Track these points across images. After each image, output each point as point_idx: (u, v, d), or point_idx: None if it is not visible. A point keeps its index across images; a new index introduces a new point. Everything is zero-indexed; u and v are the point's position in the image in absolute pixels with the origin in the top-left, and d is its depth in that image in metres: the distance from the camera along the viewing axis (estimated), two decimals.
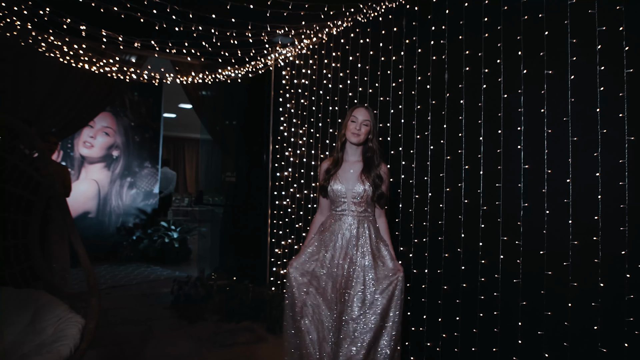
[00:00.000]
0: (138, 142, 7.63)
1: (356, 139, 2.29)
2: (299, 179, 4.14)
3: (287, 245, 4.28)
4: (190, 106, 6.36)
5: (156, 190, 7.92)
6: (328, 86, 3.75)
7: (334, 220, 2.31)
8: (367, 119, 2.28)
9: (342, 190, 2.28)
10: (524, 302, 2.19)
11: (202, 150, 6.55)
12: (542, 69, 2.16)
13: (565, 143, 2.05)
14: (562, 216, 2.05)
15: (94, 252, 6.81)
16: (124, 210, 7.43)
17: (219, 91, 5.39)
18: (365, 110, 2.30)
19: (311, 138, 3.98)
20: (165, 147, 15.07)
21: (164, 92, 7.94)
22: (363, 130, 2.27)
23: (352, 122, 2.29)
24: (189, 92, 5.40)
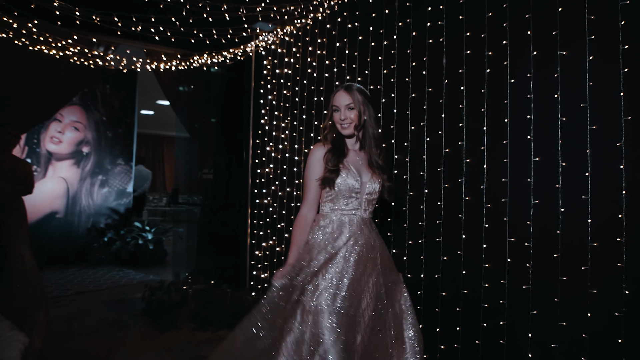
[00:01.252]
0: (110, 137, 7.21)
1: (348, 131, 1.91)
2: (281, 175, 3.85)
3: (269, 246, 3.99)
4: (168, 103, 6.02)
5: (130, 189, 7.52)
6: (313, 75, 3.48)
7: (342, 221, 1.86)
8: (349, 102, 1.88)
9: (357, 184, 1.85)
10: (535, 311, 1.96)
11: (178, 145, 6.18)
12: (555, 50, 1.92)
13: (583, 132, 1.82)
14: (580, 214, 1.82)
15: (62, 254, 6.41)
16: (95, 210, 7.00)
17: (196, 83, 5.06)
18: (345, 92, 1.90)
19: (294, 132, 3.69)
20: (143, 145, 14.63)
21: (141, 87, 7.54)
22: (350, 116, 1.89)
23: (336, 112, 1.93)
24: (164, 85, 5.05)
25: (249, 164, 4.38)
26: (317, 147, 1.94)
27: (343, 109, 1.90)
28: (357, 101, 1.89)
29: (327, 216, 1.88)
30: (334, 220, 1.87)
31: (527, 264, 1.98)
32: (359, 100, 1.90)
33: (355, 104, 1.89)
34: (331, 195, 1.87)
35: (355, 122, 1.91)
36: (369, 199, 1.90)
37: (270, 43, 4.02)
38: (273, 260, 3.89)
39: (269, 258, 3.98)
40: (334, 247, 1.81)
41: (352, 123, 1.91)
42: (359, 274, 1.79)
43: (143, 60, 3.67)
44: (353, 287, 1.75)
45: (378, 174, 1.91)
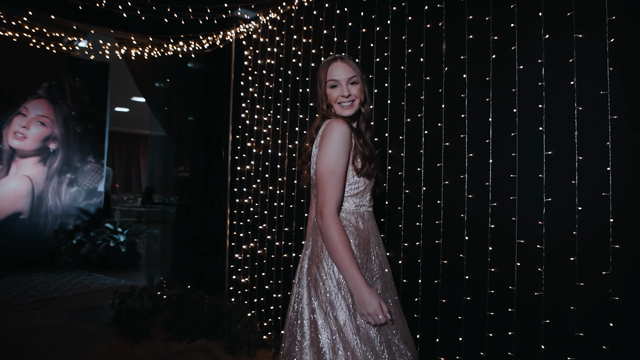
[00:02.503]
0: (80, 133, 6.82)
1: (349, 111, 1.60)
2: (263, 173, 3.60)
3: (249, 249, 3.74)
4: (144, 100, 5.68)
5: (101, 188, 7.13)
6: (298, 65, 3.25)
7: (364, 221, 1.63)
8: (352, 74, 1.60)
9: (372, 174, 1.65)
10: (547, 320, 1.77)
11: (152, 142, 5.86)
12: (571, 32, 1.74)
13: (602, 123, 1.64)
14: (600, 214, 1.64)
15: (25, 258, 6.00)
16: (63, 211, 6.61)
17: (172, 77, 4.76)
18: (344, 62, 1.61)
19: (277, 126, 3.45)
20: (117, 143, 14.15)
21: (115, 83, 7.15)
22: (354, 91, 1.59)
23: (334, 89, 1.60)
24: (138, 78, 4.73)
25: (228, 161, 4.12)
26: (340, 124, 1.51)
27: (345, 84, 1.60)
28: (358, 73, 1.63)
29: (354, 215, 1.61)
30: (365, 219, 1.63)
31: (539, 269, 1.80)
32: (359, 72, 1.64)
33: (358, 76, 1.62)
34: (358, 188, 1.60)
35: (360, 98, 1.63)
36: (372, 191, 1.69)
37: (252, 31, 3.77)
38: (254, 264, 3.64)
39: (249, 261, 3.73)
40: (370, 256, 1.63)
41: (356, 100, 1.62)
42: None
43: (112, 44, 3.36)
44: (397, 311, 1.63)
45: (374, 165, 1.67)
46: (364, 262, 1.57)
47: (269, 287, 3.44)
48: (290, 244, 3.23)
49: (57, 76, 6.42)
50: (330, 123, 1.54)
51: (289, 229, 3.29)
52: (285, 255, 3.28)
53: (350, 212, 1.60)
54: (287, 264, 3.25)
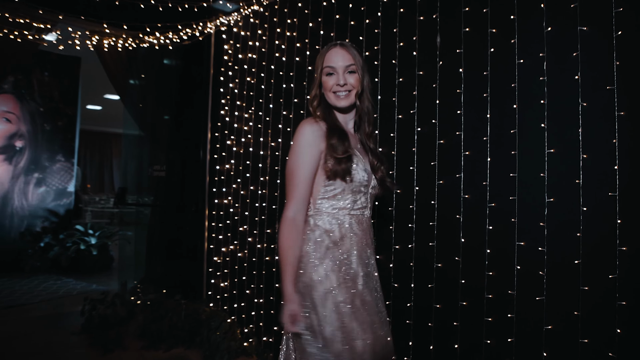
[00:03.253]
0: (49, 131, 6.50)
1: (345, 102, 1.50)
2: (244, 172, 3.45)
3: (229, 252, 3.57)
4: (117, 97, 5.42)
5: (71, 188, 6.81)
6: (282, 60, 3.11)
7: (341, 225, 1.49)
8: (351, 62, 1.48)
9: (365, 176, 1.50)
10: (550, 326, 1.69)
11: (125, 140, 5.61)
12: (574, 24, 1.66)
13: (609, 119, 1.57)
14: (605, 214, 1.56)
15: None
16: (30, 212, 6.28)
17: (147, 73, 4.55)
18: (344, 49, 1.49)
19: (259, 123, 3.31)
20: (89, 142, 13.67)
21: (87, 80, 6.83)
22: (351, 81, 1.48)
23: (330, 76, 1.49)
24: (111, 73, 4.49)
25: (206, 159, 3.94)
26: (309, 124, 1.47)
27: (341, 72, 1.49)
28: (358, 62, 1.51)
29: (327, 217, 1.48)
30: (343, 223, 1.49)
31: (540, 272, 1.71)
32: (359, 61, 1.52)
33: (357, 65, 1.50)
34: (334, 190, 1.47)
35: (357, 88, 1.51)
36: (373, 193, 1.58)
37: (233, 24, 3.61)
38: (234, 267, 3.48)
39: (229, 265, 3.56)
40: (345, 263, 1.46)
41: (353, 91, 1.50)
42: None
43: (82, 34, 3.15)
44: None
45: (375, 162, 1.56)
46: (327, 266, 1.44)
47: (250, 291, 3.29)
48: (273, 247, 3.09)
49: (24, 70, 6.09)
50: (301, 122, 1.50)
51: (271, 231, 3.14)
52: (268, 258, 3.14)
53: (326, 214, 1.49)
54: (270, 268, 3.10)
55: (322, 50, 1.58)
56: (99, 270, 5.94)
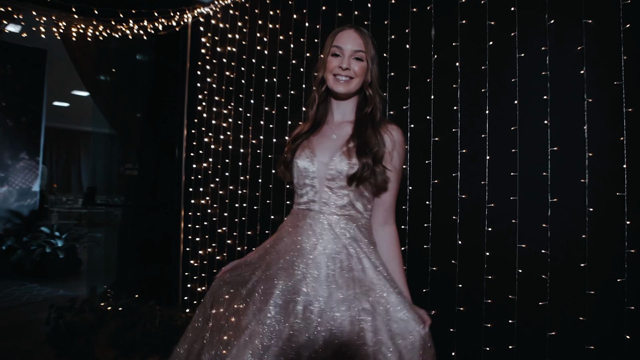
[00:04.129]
0: (11, 127, 6.13)
1: (344, 88, 1.36)
2: (223, 171, 3.28)
3: (206, 255, 3.40)
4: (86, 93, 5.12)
5: (36, 188, 6.46)
6: (264, 53, 2.96)
7: (294, 223, 1.34)
8: (360, 48, 1.35)
9: (309, 167, 1.34)
10: (553, 333, 1.61)
11: (95, 137, 5.35)
12: (579, 17, 1.59)
13: (616, 115, 1.50)
14: (613, 215, 1.49)
15: None
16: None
17: (119, 66, 4.31)
18: (357, 32, 1.37)
19: (239, 119, 3.15)
20: (55, 140, 13.11)
21: (54, 76, 6.47)
22: (355, 68, 1.35)
23: (335, 57, 1.37)
24: (79, 66, 4.22)
25: (182, 158, 3.75)
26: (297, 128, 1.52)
27: (348, 55, 1.36)
28: (369, 50, 1.38)
29: (290, 215, 1.44)
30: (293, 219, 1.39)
31: (543, 275, 1.63)
32: (370, 50, 1.39)
33: (367, 53, 1.37)
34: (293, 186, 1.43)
35: (361, 77, 1.38)
36: (332, 186, 1.31)
37: (211, 16, 3.43)
38: (212, 271, 3.31)
39: (206, 268, 3.39)
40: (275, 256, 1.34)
41: (355, 79, 1.37)
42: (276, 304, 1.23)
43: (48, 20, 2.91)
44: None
45: (351, 151, 1.31)
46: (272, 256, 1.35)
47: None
48: (254, 249, 2.93)
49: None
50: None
51: (252, 233, 2.99)
52: None
53: (292, 212, 1.44)
54: None
55: (334, 31, 1.45)
56: (66, 274, 5.63)
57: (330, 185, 1.32)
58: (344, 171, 1.29)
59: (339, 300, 1.21)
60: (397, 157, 1.37)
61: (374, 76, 1.41)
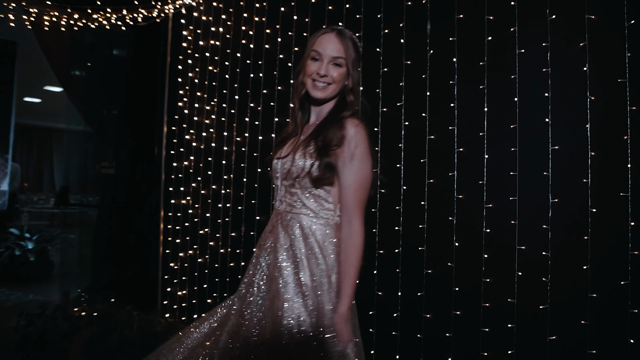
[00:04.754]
0: None
1: (321, 93, 1.33)
2: (205, 170, 3.16)
3: (187, 257, 3.27)
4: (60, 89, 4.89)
5: (5, 187, 6.15)
6: (249, 47, 2.85)
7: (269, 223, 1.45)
8: (339, 54, 1.31)
9: (276, 167, 1.40)
10: (554, 337, 1.56)
11: (68, 136, 5.14)
12: (581, 12, 1.54)
13: (620, 114, 1.46)
14: (616, 216, 1.45)
15: None
16: None
17: (95, 58, 4.12)
18: (338, 37, 1.32)
19: (223, 116, 3.03)
20: (26, 138, 12.63)
21: (24, 69, 6.17)
22: (334, 74, 1.31)
23: (314, 62, 1.33)
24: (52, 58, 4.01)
25: (162, 156, 3.60)
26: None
27: (326, 61, 1.32)
28: (349, 56, 1.33)
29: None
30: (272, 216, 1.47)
31: (543, 278, 1.59)
32: (350, 55, 1.33)
33: (346, 59, 1.32)
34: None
35: (339, 83, 1.34)
36: (286, 184, 1.36)
37: (193, 8, 3.30)
38: (193, 274, 3.18)
39: (187, 271, 3.25)
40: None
41: (333, 85, 1.33)
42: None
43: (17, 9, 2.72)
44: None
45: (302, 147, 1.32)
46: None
47: (211, 301, 3.01)
48: (239, 252, 2.83)
49: None
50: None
51: (236, 234, 2.88)
52: (232, 264, 2.87)
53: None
54: (235, 274, 2.84)
55: (315, 32, 1.40)
56: (37, 278, 5.37)
57: (285, 184, 1.37)
58: (292, 171, 1.32)
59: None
60: (347, 151, 1.27)
61: (355, 81, 1.37)
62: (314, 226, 1.33)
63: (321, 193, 1.33)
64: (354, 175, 1.29)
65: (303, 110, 1.45)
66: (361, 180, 1.30)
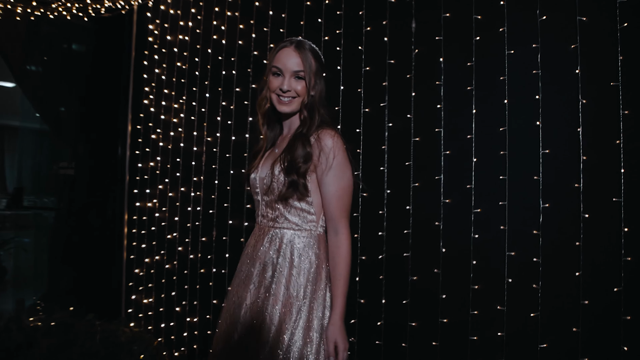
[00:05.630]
0: None
1: (287, 107, 1.37)
2: (173, 171, 2.99)
3: (154, 263, 3.09)
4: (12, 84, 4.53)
5: None
6: (221, 43, 2.70)
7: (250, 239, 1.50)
8: (299, 68, 1.33)
9: (254, 182, 1.44)
10: (545, 345, 1.53)
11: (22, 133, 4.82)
12: (573, 14, 1.51)
13: (612, 117, 1.43)
14: (609, 222, 1.43)
15: None
16: None
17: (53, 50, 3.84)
18: (296, 51, 1.34)
19: (192, 115, 2.87)
20: None
21: None
22: (297, 88, 1.34)
23: (276, 77, 1.36)
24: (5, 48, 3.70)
25: (126, 156, 3.40)
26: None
27: (288, 76, 1.34)
28: (308, 67, 1.33)
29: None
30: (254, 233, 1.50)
31: (534, 285, 1.55)
32: (311, 66, 1.34)
33: (306, 72, 1.33)
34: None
35: (303, 97, 1.36)
36: (266, 200, 1.39)
37: (160, 1, 3.12)
38: (160, 281, 3.01)
39: (154, 278, 3.08)
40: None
41: (297, 98, 1.36)
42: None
43: None
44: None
45: (277, 161, 1.35)
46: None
47: (180, 309, 2.85)
48: (210, 257, 2.68)
49: None
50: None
51: (207, 239, 2.73)
52: (203, 270, 2.73)
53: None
54: (206, 281, 2.70)
55: (275, 46, 1.41)
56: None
57: (265, 199, 1.39)
58: (272, 186, 1.34)
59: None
60: (325, 163, 1.30)
61: (318, 91, 1.37)
62: (297, 239, 1.35)
63: (303, 205, 1.34)
64: (335, 185, 1.30)
65: (270, 124, 1.48)
66: (343, 189, 1.32)
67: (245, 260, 1.44)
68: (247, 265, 1.41)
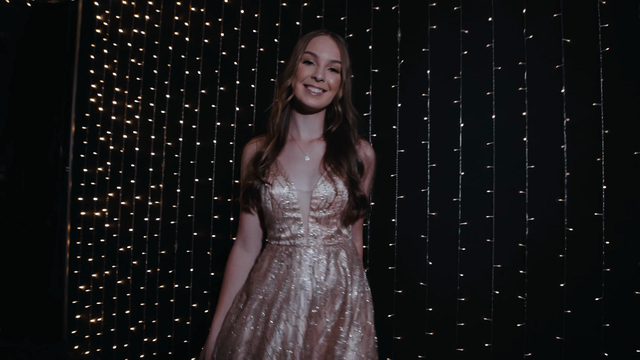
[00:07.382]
0: None
1: (315, 101, 1.19)
2: (126, 178, 2.76)
3: (103, 278, 2.83)
4: None
5: None
6: (184, 40, 2.53)
7: (279, 261, 1.19)
8: (337, 59, 1.19)
9: (290, 195, 1.18)
10: (529, 354, 1.58)
11: None
12: (558, 35, 1.57)
13: (594, 136, 1.51)
14: (591, 235, 1.50)
15: None
16: None
17: None
18: (334, 40, 1.21)
19: (150, 117, 2.67)
20: None
21: None
22: (330, 80, 1.19)
23: (308, 65, 1.19)
24: None
25: (68, 159, 3.10)
26: (246, 146, 1.32)
27: (323, 65, 1.19)
28: (345, 62, 1.22)
29: (266, 252, 1.26)
30: (274, 257, 1.22)
31: (519, 296, 1.59)
32: (347, 62, 1.23)
33: (343, 64, 1.21)
34: (265, 216, 1.25)
35: (334, 91, 1.22)
36: (318, 216, 1.18)
37: None
38: (111, 298, 2.77)
39: (103, 295, 2.82)
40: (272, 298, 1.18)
41: (328, 92, 1.21)
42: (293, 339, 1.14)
43: None
44: None
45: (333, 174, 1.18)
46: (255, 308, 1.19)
47: (136, 328, 2.64)
48: (171, 272, 2.51)
49: None
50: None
51: (167, 252, 2.55)
52: (163, 286, 2.54)
53: (268, 249, 1.26)
54: (166, 298, 2.52)
55: (306, 34, 1.25)
56: None
57: (316, 216, 1.19)
58: (330, 199, 1.17)
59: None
60: (370, 176, 1.30)
61: (347, 91, 1.26)
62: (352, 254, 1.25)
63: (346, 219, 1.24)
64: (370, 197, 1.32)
65: (289, 121, 1.30)
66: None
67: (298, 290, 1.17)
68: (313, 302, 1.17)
